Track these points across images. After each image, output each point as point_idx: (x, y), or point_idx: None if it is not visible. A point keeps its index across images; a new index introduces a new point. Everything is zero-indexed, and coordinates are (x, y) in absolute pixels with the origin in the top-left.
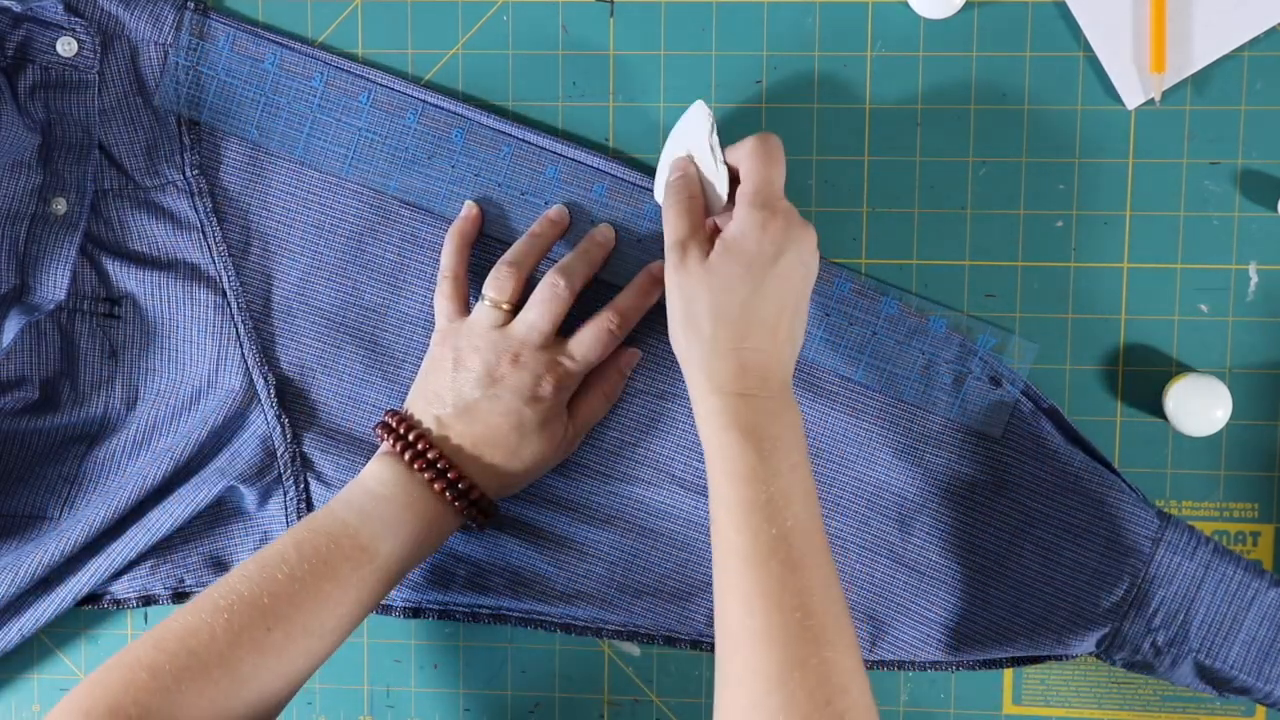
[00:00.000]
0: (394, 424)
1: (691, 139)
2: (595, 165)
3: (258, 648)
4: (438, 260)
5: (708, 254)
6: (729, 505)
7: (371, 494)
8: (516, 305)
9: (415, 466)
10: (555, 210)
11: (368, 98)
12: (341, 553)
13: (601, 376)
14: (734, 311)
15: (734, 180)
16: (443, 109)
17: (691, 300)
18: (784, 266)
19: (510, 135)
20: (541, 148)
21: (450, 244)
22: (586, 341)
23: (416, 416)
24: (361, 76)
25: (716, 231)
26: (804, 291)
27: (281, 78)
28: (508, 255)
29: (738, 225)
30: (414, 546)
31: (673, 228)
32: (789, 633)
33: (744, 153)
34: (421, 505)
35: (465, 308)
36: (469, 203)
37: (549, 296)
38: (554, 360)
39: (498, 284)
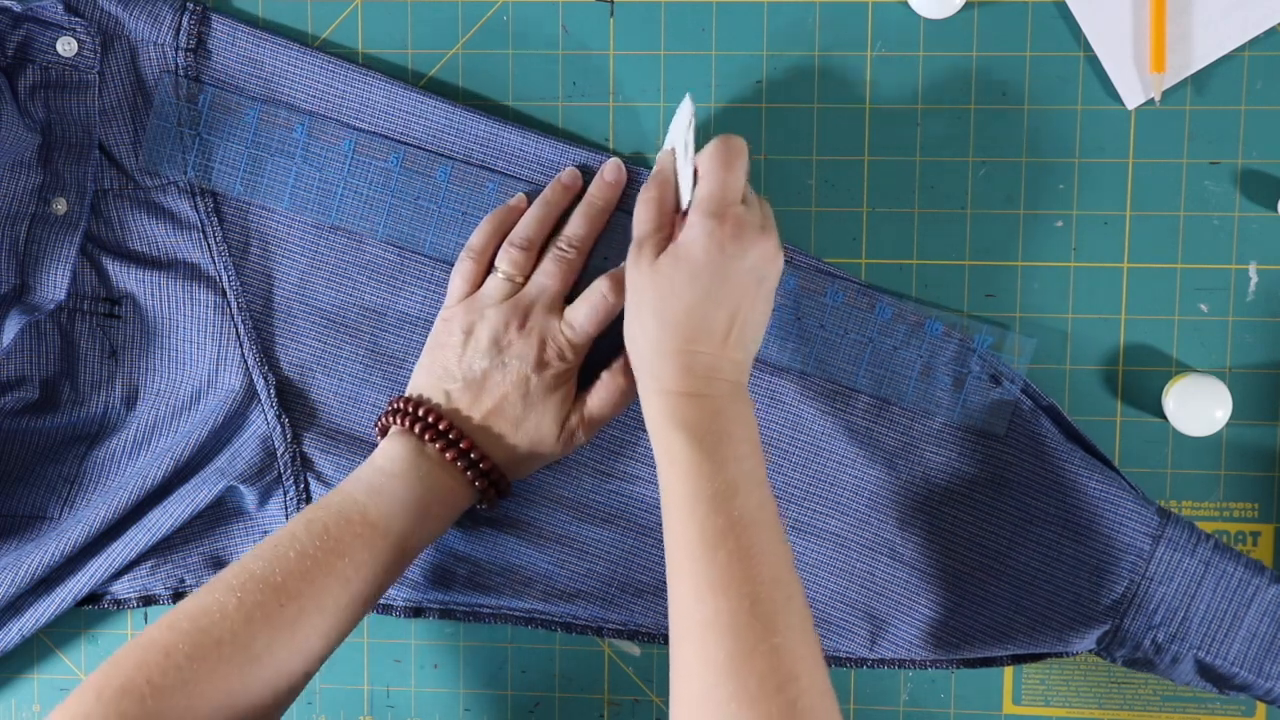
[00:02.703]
0: (401, 405)
1: (675, 133)
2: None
3: (270, 624)
4: (437, 262)
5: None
6: (676, 499)
7: (382, 471)
8: (529, 279)
9: (426, 438)
10: (567, 173)
11: (350, 145)
12: (352, 529)
13: (612, 371)
14: (678, 315)
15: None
16: (425, 150)
17: (640, 300)
18: (731, 273)
19: (494, 170)
20: (527, 180)
21: (486, 224)
22: (582, 311)
23: (425, 394)
24: (347, 124)
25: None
26: (757, 297)
27: (267, 126)
28: (519, 229)
29: (687, 231)
30: (426, 522)
31: (636, 225)
32: (737, 621)
33: (704, 155)
34: (432, 480)
35: (477, 289)
36: (519, 194)
37: (556, 258)
38: (557, 327)
39: (510, 258)
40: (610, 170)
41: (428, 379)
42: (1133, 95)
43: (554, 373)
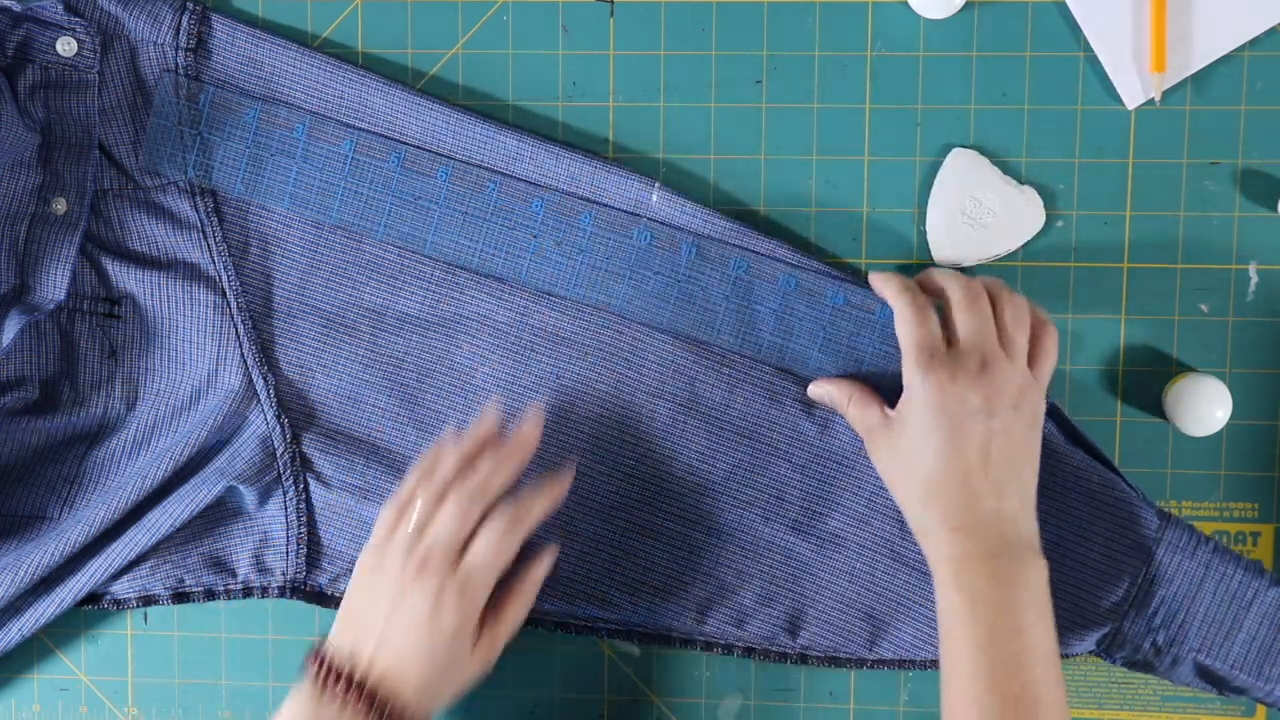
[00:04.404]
0: (317, 656)
1: (973, 179)
2: (582, 194)
3: None
4: (437, 262)
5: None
6: (955, 664)
7: None
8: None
9: (329, 685)
10: (485, 423)
11: (351, 145)
12: None
13: (519, 581)
14: (923, 468)
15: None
16: (427, 151)
17: (889, 464)
18: (959, 415)
19: (495, 171)
20: (527, 181)
21: (413, 471)
22: (481, 549)
23: (337, 643)
24: (347, 125)
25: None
26: (1013, 434)
27: (267, 126)
28: (436, 477)
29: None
30: None
31: (909, 340)
32: None
33: (951, 286)
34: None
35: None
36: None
37: (456, 503)
38: (452, 576)
39: (424, 503)
40: (530, 424)
41: (342, 625)
42: (1133, 95)
43: (456, 619)
